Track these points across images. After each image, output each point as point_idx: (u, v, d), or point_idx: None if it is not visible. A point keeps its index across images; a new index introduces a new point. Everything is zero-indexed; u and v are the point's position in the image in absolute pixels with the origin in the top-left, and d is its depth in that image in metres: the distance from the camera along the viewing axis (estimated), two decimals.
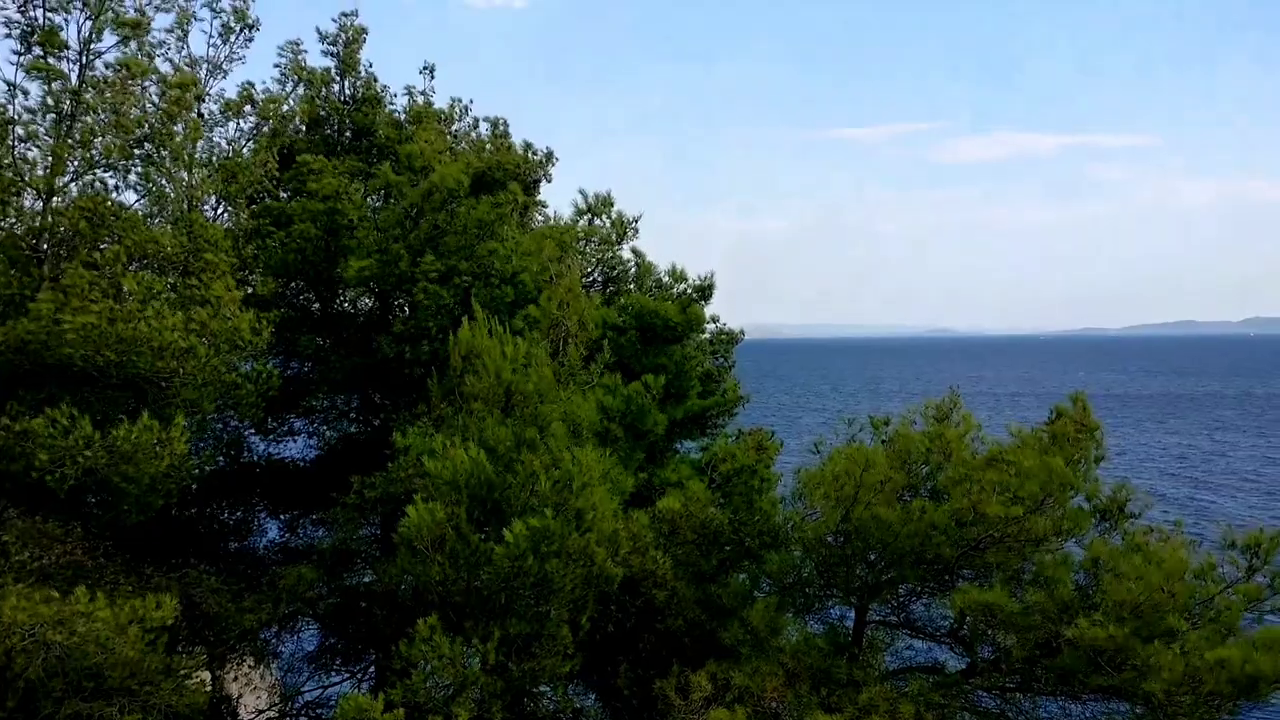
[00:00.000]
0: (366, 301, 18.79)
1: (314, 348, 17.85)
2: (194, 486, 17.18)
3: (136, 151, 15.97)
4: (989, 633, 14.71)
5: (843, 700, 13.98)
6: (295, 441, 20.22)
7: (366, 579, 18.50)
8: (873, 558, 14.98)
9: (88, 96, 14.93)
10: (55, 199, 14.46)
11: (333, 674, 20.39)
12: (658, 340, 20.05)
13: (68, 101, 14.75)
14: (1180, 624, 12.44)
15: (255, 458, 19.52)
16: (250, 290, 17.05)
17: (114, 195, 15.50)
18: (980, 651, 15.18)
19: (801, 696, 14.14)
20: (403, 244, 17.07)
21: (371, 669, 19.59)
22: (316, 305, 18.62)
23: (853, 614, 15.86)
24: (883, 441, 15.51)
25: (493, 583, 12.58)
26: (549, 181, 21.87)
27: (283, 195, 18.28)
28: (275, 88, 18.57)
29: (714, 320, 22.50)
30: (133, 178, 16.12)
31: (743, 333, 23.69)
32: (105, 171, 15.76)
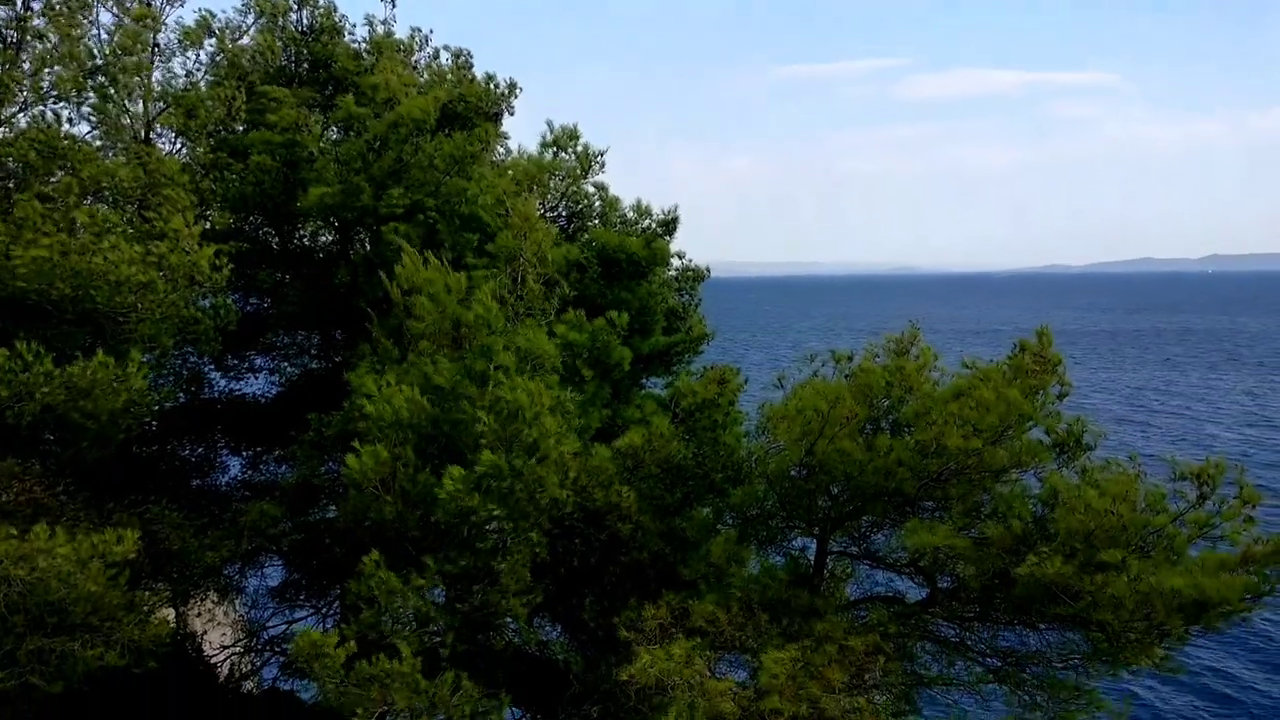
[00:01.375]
0: (326, 236, 18.57)
1: (273, 283, 17.65)
2: (154, 423, 17.05)
3: (89, 83, 15.62)
4: (948, 564, 14.95)
5: (802, 630, 14.20)
6: (256, 378, 20.09)
7: (330, 514, 18.50)
8: (835, 491, 15.13)
9: (36, 24, 14.56)
10: (3, 130, 14.14)
11: (297, 609, 20.47)
12: (622, 276, 19.96)
13: (14, 30, 14.37)
14: (1129, 556, 12.70)
15: (216, 394, 19.38)
16: (209, 225, 16.81)
17: (66, 127, 15.18)
18: (939, 582, 15.43)
19: (761, 627, 14.34)
20: (364, 177, 16.84)
21: (336, 603, 19.68)
22: (275, 240, 18.38)
23: (814, 546, 16.05)
24: (845, 376, 15.58)
25: (447, 518, 12.62)
26: (511, 114, 21.60)
27: (239, 129, 17.97)
28: (236, 18, 18.15)
29: (680, 256, 22.40)
30: (86, 110, 15.79)
31: (708, 269, 23.64)
32: (57, 103, 15.42)
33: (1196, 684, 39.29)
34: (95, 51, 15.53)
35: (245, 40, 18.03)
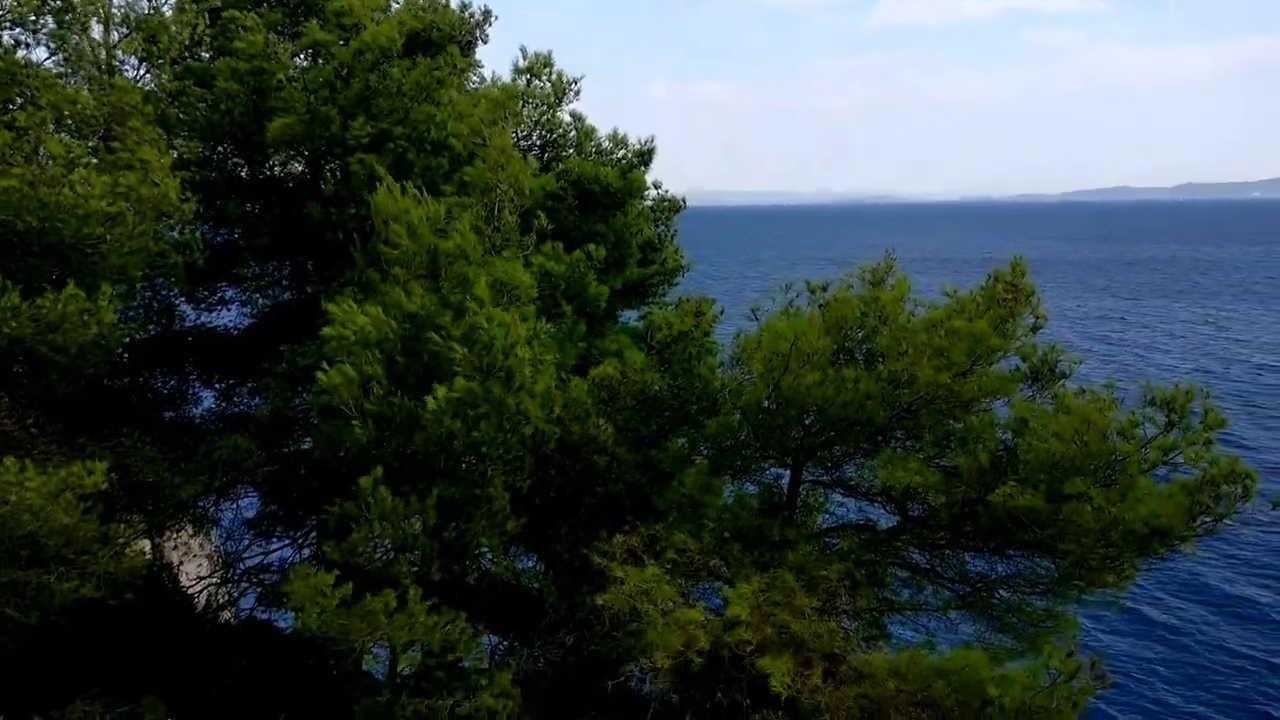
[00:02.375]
0: (296, 166, 18.28)
1: (241, 214, 17.40)
2: (125, 356, 16.89)
3: (46, 6, 15.22)
4: (919, 493, 15.13)
5: (775, 559, 14.38)
6: (229, 310, 19.90)
7: (305, 446, 18.48)
8: (808, 421, 15.23)
9: None
10: None
11: (273, 540, 20.53)
12: (597, 207, 19.81)
13: None
14: (1091, 486, 12.88)
15: (187, 326, 19.21)
16: (175, 154, 16.51)
17: (23, 53, 14.82)
18: (910, 510, 15.62)
19: (733, 555, 14.51)
20: (333, 106, 16.53)
21: (313, 534, 19.75)
22: (245, 170, 18.09)
23: (787, 476, 16.19)
24: (820, 307, 15.60)
25: (426, 446, 12.60)
26: (485, 43, 21.20)
27: (204, 56, 17.58)
28: None
29: (656, 187, 22.24)
30: (43, 35, 15.39)
31: (685, 200, 23.48)
32: (13, 29, 15.03)
33: (1145, 608, 40.21)
34: None
35: None
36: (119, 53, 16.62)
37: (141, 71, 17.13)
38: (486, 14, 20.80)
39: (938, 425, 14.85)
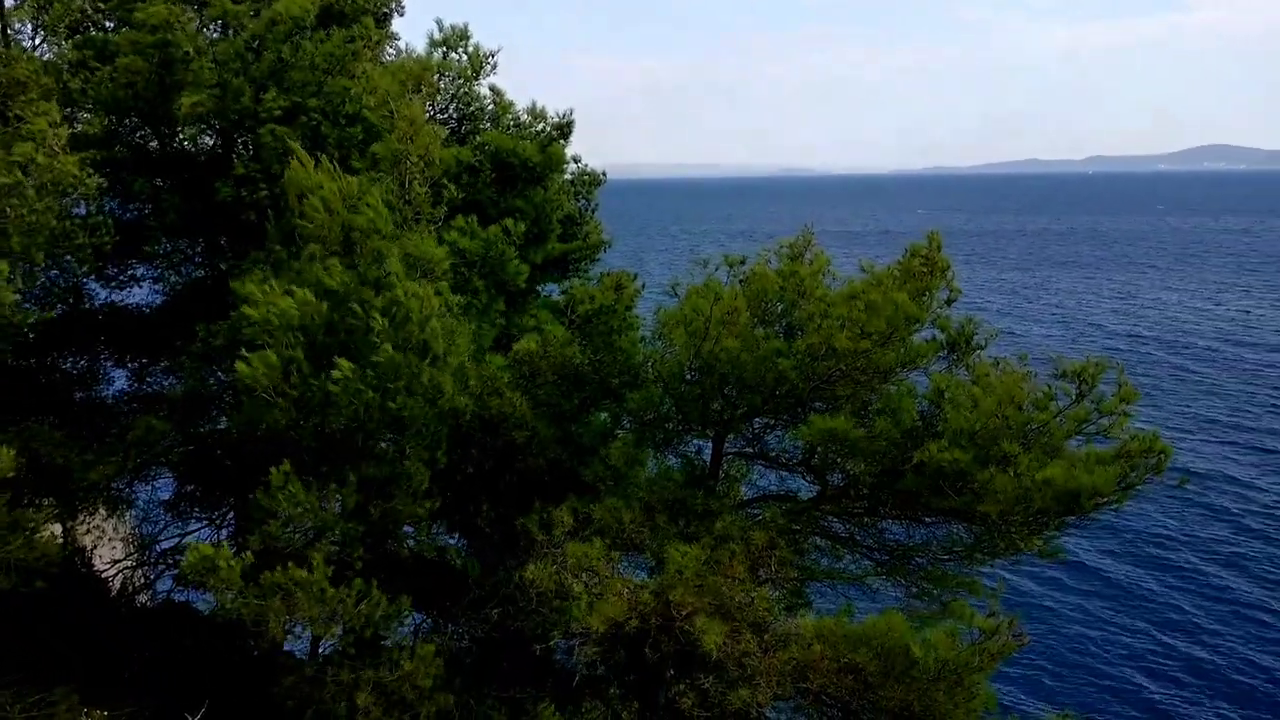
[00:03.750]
0: (207, 141, 17.83)
1: (151, 189, 16.94)
2: (30, 336, 16.41)
3: None
4: (839, 461, 15.38)
5: (699, 529, 14.54)
6: (140, 287, 19.39)
7: (221, 426, 18.14)
8: (729, 392, 15.39)
9: None
10: None
11: (191, 522, 20.17)
12: (516, 181, 19.67)
13: None
14: (1014, 448, 13.23)
15: (97, 305, 18.69)
16: (77, 128, 16.00)
17: None
18: (830, 479, 15.88)
19: (659, 528, 14.64)
20: (244, 79, 16.16)
21: (231, 515, 19.44)
22: (154, 144, 17.60)
23: (710, 447, 16.36)
24: (740, 281, 15.73)
25: (344, 425, 12.50)
26: (401, 15, 20.89)
27: (108, 25, 17.03)
28: None
29: (576, 160, 22.12)
30: None
31: (605, 174, 23.41)
32: None
33: (1069, 575, 41.53)
34: None
35: None
36: (15, 22, 16.06)
37: (38, 41, 16.57)
38: None
39: (856, 396, 15.11)
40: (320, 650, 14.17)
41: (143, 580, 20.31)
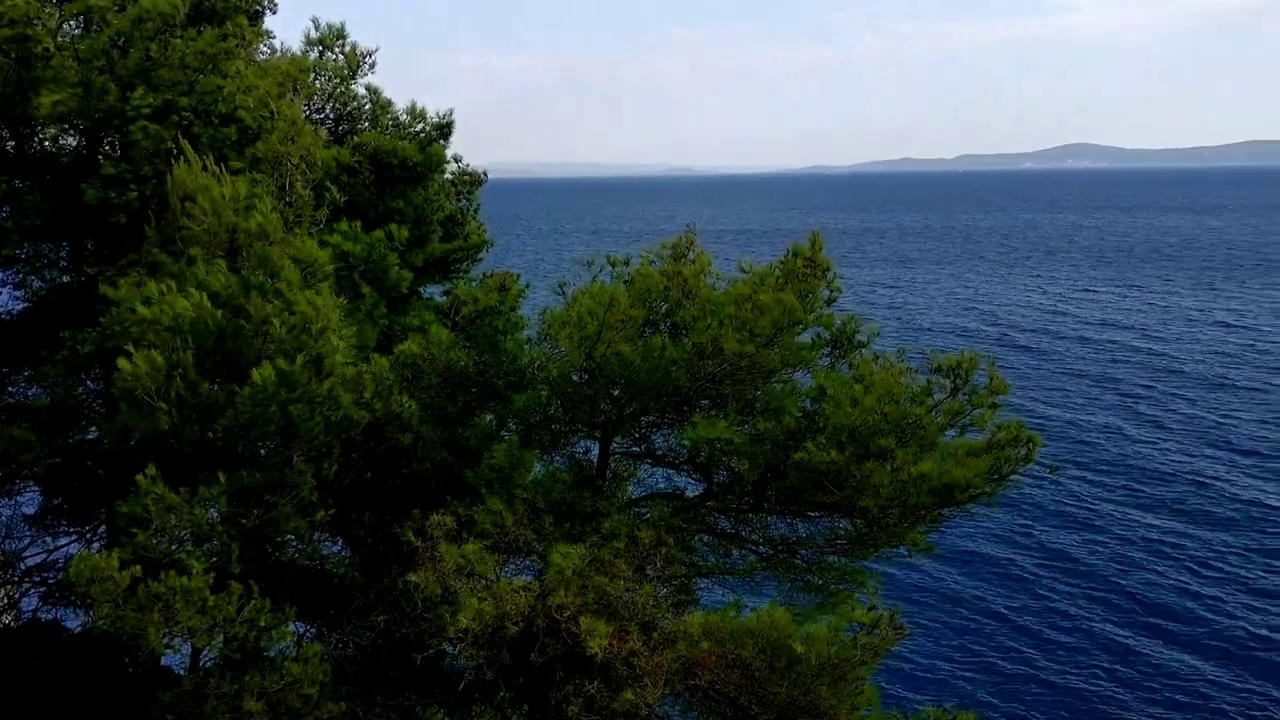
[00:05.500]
0: (70, 140, 17.16)
1: (8, 191, 16.23)
2: None
3: None
4: (724, 459, 15.59)
5: (586, 530, 14.58)
6: (0, 294, 18.58)
7: (91, 436, 17.49)
8: (616, 393, 15.46)
9: None
10: None
11: (59, 536, 19.40)
12: (396, 182, 19.42)
13: None
14: (890, 443, 13.60)
15: None
16: None
17: None
18: (716, 476, 16.09)
19: (546, 529, 14.63)
20: (109, 76, 15.60)
21: (102, 528, 18.76)
22: (11, 144, 16.87)
23: (597, 448, 16.41)
24: (625, 281, 15.83)
25: (230, 431, 12.20)
26: (274, 12, 20.44)
27: None
28: None
29: (457, 160, 21.95)
30: None
31: (486, 174, 23.28)
32: None
33: (951, 561, 42.84)
34: None
35: None
36: None
37: None
38: None
39: (741, 394, 15.34)
40: (201, 663, 13.79)
41: (6, 599, 19.44)
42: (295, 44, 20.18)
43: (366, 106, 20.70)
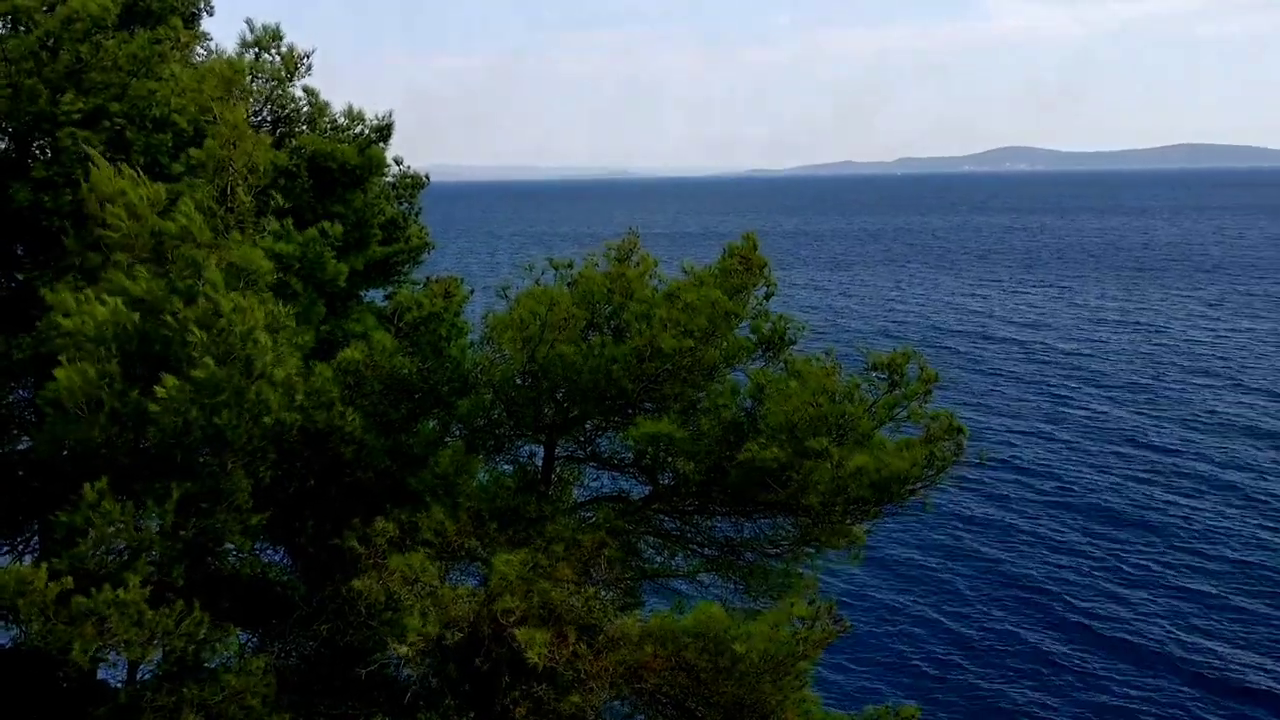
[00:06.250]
0: None
1: None
2: None
3: None
4: (668, 460, 15.66)
5: (531, 535, 14.55)
6: None
7: (22, 446, 17.08)
8: (559, 396, 15.46)
9: None
10: None
11: None
12: (335, 185, 19.21)
13: None
14: (824, 442, 13.75)
15: None
16: None
17: None
18: (661, 478, 16.15)
19: (490, 535, 14.57)
20: (38, 79, 15.25)
21: (35, 539, 18.31)
22: None
23: (542, 452, 16.39)
24: (568, 284, 15.84)
25: (163, 441, 11.99)
26: (210, 15, 20.13)
27: None
28: None
29: (397, 163, 21.77)
30: None
31: (428, 177, 23.11)
32: None
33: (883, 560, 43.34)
34: None
35: None
36: None
37: None
38: None
39: (683, 395, 15.42)
40: (138, 676, 13.53)
41: None
42: (231, 46, 19.91)
43: (305, 109, 20.47)
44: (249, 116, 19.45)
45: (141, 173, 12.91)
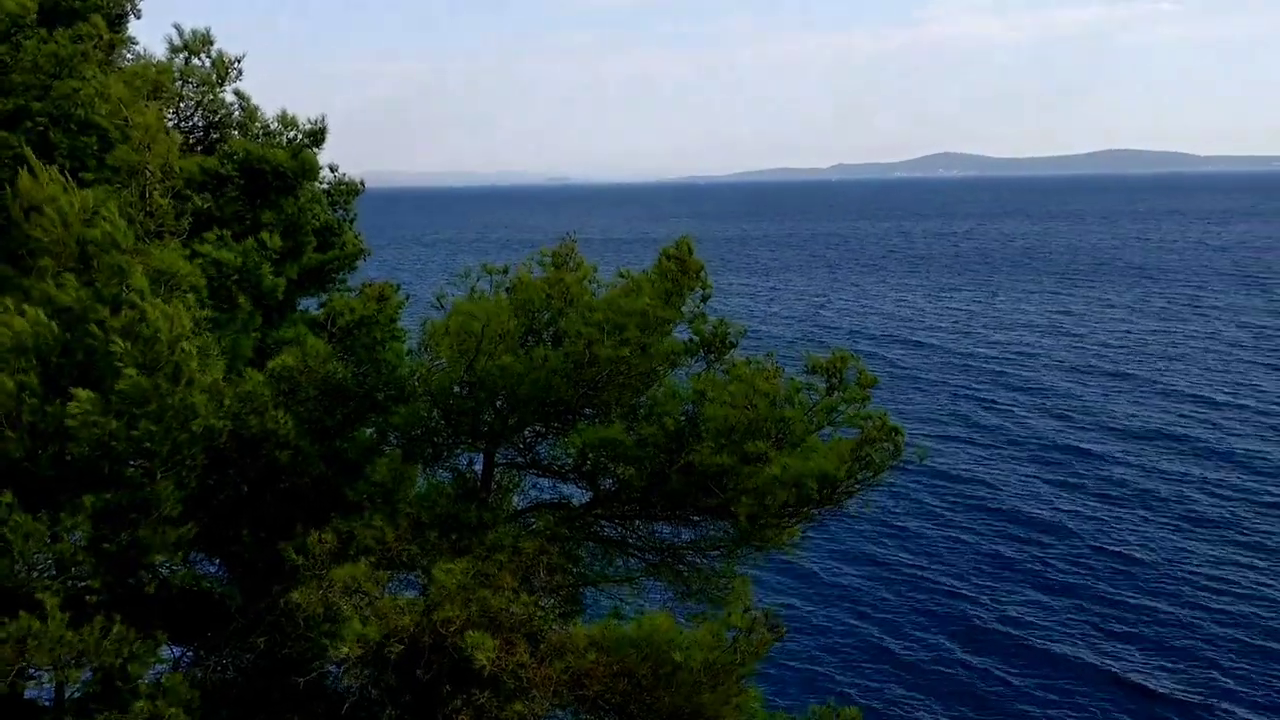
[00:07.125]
0: None
1: None
2: None
3: None
4: (609, 466, 15.61)
5: (471, 543, 14.41)
6: None
7: None
8: (499, 404, 15.33)
9: None
10: None
11: None
12: (268, 190, 18.89)
13: None
14: (764, 446, 13.80)
15: None
16: None
17: None
18: (602, 484, 16.09)
19: (430, 543, 14.41)
20: None
21: None
22: None
23: (481, 460, 16.24)
24: (505, 291, 15.72)
25: (86, 453, 11.69)
26: (138, 18, 19.68)
27: None
28: None
29: (332, 169, 21.47)
30: None
31: (363, 183, 22.81)
32: None
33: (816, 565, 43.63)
34: None
35: None
36: None
37: None
38: None
39: (623, 400, 15.37)
40: (67, 696, 13.16)
41: None
42: (160, 51, 19.50)
43: (236, 113, 20.13)
44: (179, 121, 19.10)
45: (68, 175, 12.60)
